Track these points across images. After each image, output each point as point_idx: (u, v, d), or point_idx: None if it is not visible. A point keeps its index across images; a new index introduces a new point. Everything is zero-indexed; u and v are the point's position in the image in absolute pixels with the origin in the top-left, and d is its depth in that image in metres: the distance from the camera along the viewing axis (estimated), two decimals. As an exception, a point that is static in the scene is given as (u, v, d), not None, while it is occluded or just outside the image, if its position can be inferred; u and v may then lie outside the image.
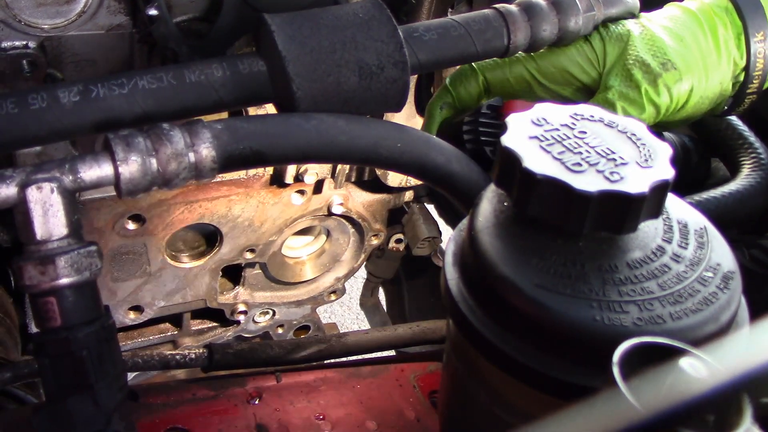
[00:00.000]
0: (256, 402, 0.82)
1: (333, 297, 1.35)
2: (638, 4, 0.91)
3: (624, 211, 0.49)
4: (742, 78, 0.86)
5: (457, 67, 0.91)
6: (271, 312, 1.31)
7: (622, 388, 0.38)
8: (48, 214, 0.60)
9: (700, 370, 0.38)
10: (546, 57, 0.87)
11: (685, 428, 0.35)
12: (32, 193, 0.60)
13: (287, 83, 0.71)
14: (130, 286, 1.11)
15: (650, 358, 0.41)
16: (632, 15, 0.89)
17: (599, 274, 0.50)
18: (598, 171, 0.50)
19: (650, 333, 0.46)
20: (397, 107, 0.76)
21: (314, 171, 1.07)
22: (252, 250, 1.15)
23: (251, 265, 1.21)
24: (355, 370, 0.88)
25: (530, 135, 0.53)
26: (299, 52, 0.71)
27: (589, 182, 0.48)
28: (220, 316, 1.28)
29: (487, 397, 0.56)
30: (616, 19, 0.88)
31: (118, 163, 0.63)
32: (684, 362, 0.38)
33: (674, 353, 0.40)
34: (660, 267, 0.51)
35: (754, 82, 0.86)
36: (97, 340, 0.62)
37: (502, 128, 0.54)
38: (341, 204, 1.16)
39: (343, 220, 1.23)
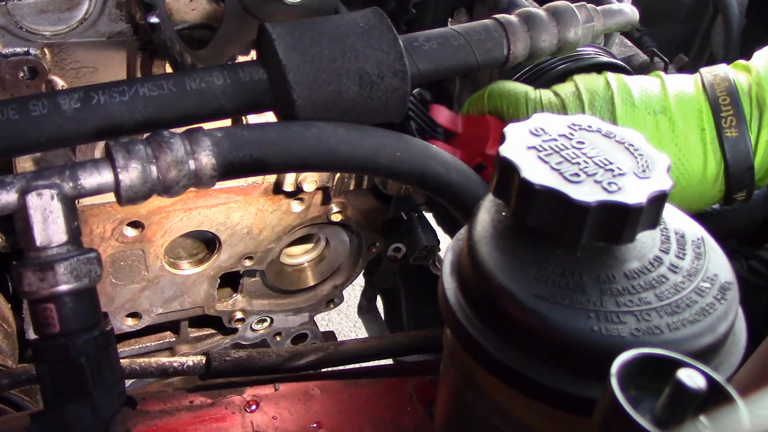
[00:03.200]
0: (254, 410, 0.81)
1: (331, 305, 1.35)
2: (637, 15, 0.91)
3: (622, 221, 0.49)
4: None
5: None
6: (269, 320, 1.31)
7: (620, 399, 0.38)
8: (48, 221, 0.61)
9: (698, 381, 0.38)
10: None
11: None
12: (32, 199, 0.60)
13: (287, 92, 0.71)
14: (128, 292, 1.11)
15: (648, 369, 0.41)
16: (632, 26, 0.89)
17: (597, 284, 0.50)
18: (596, 181, 0.50)
19: (647, 343, 0.46)
20: (397, 116, 0.76)
21: (313, 179, 1.07)
22: (251, 258, 1.15)
23: (250, 272, 1.21)
24: (352, 379, 0.88)
25: (528, 145, 0.53)
26: (300, 61, 0.71)
27: (586, 192, 0.49)
28: (218, 323, 1.28)
29: (485, 407, 0.56)
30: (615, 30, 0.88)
31: (119, 170, 0.63)
32: (682, 373, 0.39)
33: (672, 364, 0.40)
34: (657, 277, 0.51)
35: None
36: (95, 347, 0.62)
37: (502, 139, 0.54)
38: (340, 212, 1.16)
39: (342, 229, 1.23)
